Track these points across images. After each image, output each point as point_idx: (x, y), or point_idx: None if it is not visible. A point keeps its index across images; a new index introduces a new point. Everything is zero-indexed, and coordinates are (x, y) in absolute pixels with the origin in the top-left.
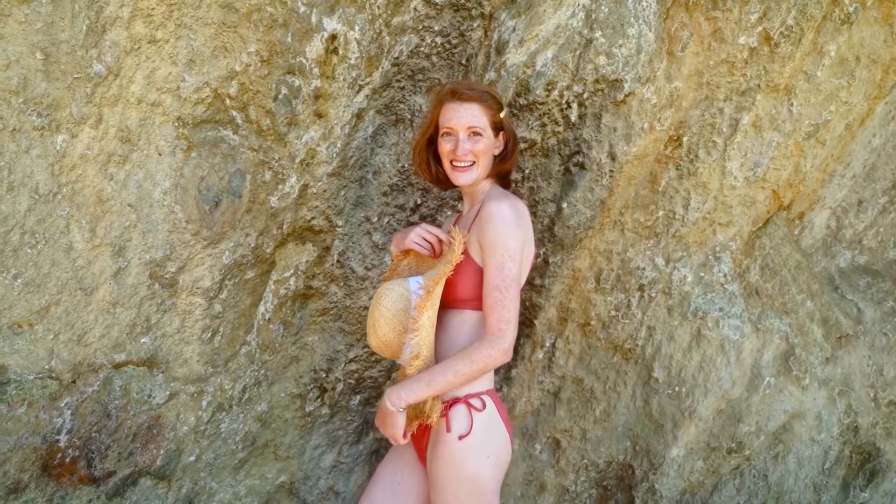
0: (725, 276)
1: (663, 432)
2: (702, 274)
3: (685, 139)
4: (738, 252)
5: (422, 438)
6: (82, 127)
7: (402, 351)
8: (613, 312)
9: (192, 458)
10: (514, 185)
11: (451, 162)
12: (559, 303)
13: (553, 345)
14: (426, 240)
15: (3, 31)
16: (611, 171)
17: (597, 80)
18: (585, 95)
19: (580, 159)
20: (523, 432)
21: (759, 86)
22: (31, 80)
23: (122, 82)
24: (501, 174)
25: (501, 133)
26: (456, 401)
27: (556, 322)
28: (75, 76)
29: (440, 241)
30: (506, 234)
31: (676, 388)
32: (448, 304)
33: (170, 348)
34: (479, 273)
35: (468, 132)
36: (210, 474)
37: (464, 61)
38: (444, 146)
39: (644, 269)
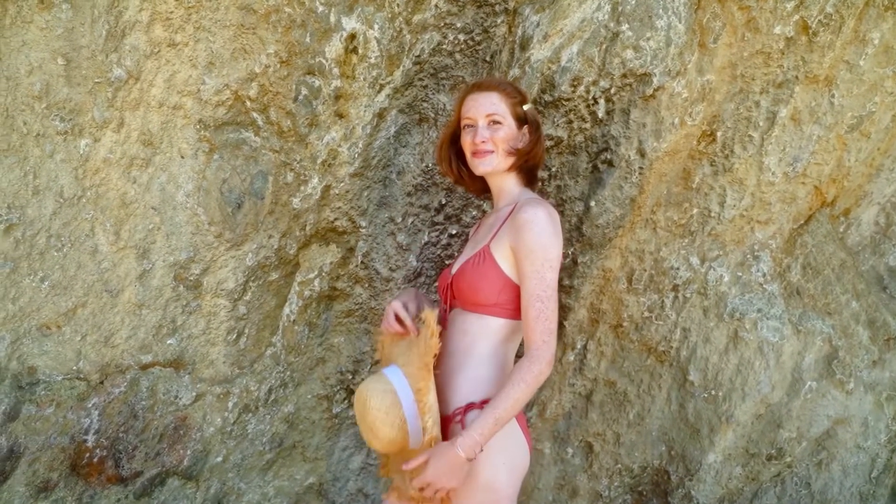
0: (765, 275)
1: (699, 437)
2: (739, 273)
3: (719, 134)
4: (778, 251)
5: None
6: (104, 131)
7: (411, 438)
8: (647, 313)
9: (220, 459)
10: (540, 183)
11: (472, 153)
12: (590, 304)
13: (584, 347)
14: (398, 320)
15: (26, 37)
16: (640, 167)
17: (624, 75)
18: (613, 91)
19: (608, 156)
20: (554, 436)
21: (797, 77)
22: (53, 86)
23: (143, 86)
24: (528, 170)
25: (526, 127)
26: (471, 406)
27: (586, 323)
28: (96, 81)
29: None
30: (546, 243)
31: (713, 392)
32: (468, 307)
33: (196, 349)
34: (504, 279)
35: (487, 120)
36: (238, 475)
37: (488, 58)
38: (466, 138)
39: (678, 268)
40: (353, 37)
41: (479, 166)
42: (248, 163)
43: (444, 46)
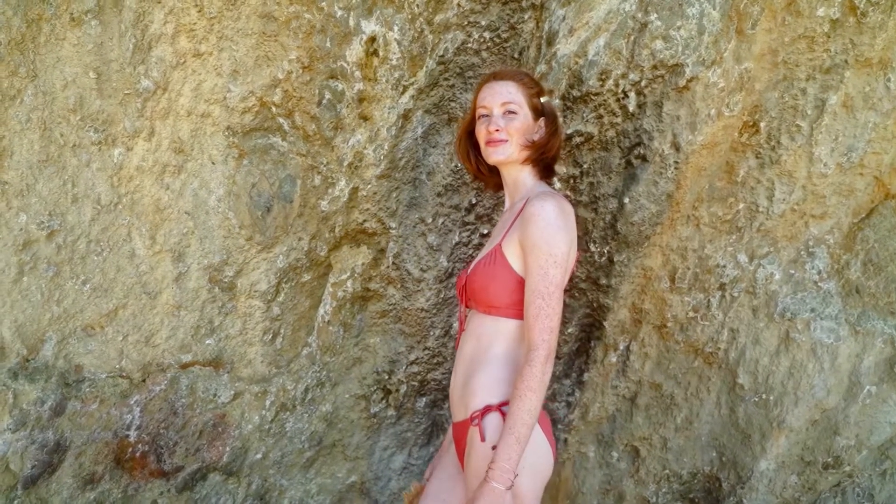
0: (820, 272)
1: (751, 443)
2: (792, 271)
3: (763, 124)
4: (836, 246)
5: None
6: (136, 140)
7: None
8: (692, 314)
9: (259, 456)
10: (572, 181)
11: (486, 142)
12: (631, 303)
13: (627, 348)
14: None
15: (60, 53)
16: (675, 162)
17: (654, 66)
18: (643, 83)
19: (641, 151)
20: (598, 439)
21: (846, 61)
22: (86, 99)
23: (171, 96)
24: (544, 164)
25: (543, 119)
26: (489, 409)
27: (629, 324)
28: (126, 92)
29: None
30: (551, 238)
31: (763, 396)
32: (482, 309)
33: (234, 349)
34: (515, 278)
35: (502, 109)
36: (279, 472)
37: (516, 55)
38: (480, 127)
39: (724, 266)
40: (372, 39)
41: (492, 155)
42: (277, 167)
43: (470, 45)
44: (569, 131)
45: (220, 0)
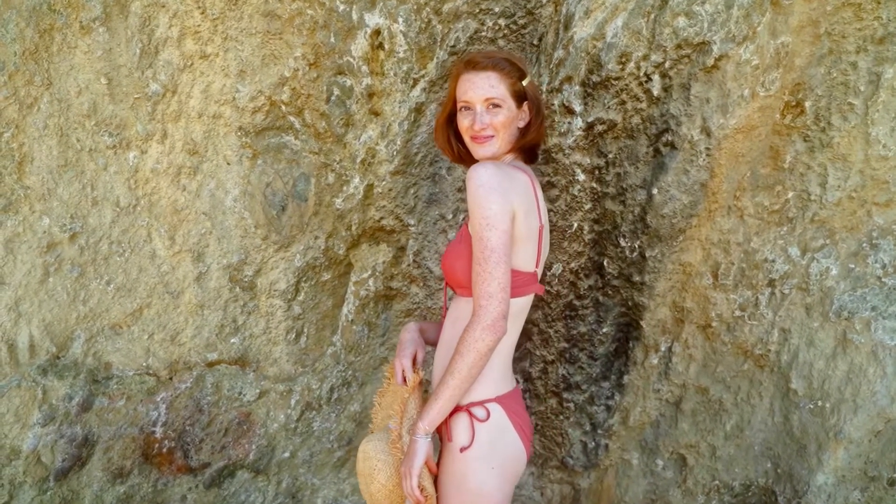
0: (885, 267)
1: (806, 454)
2: (851, 265)
3: (808, 104)
4: None
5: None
6: (150, 143)
7: None
8: (738, 312)
9: (287, 455)
10: (588, 173)
11: (471, 138)
12: (671, 301)
13: (669, 349)
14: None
15: (73, 61)
16: (707, 148)
17: (678, 46)
18: (667, 65)
19: (669, 138)
20: (642, 445)
21: None
22: (99, 104)
23: (181, 98)
24: (526, 148)
25: (526, 103)
26: (458, 409)
27: (670, 323)
28: (136, 97)
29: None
30: (482, 200)
31: (819, 403)
32: (456, 290)
33: (259, 348)
34: None
35: (486, 104)
36: (309, 471)
37: (535, 41)
38: (463, 122)
39: (774, 261)
40: (377, 33)
41: (480, 150)
42: (291, 166)
43: (484, 33)
44: (590, 119)
45: (222, 1)
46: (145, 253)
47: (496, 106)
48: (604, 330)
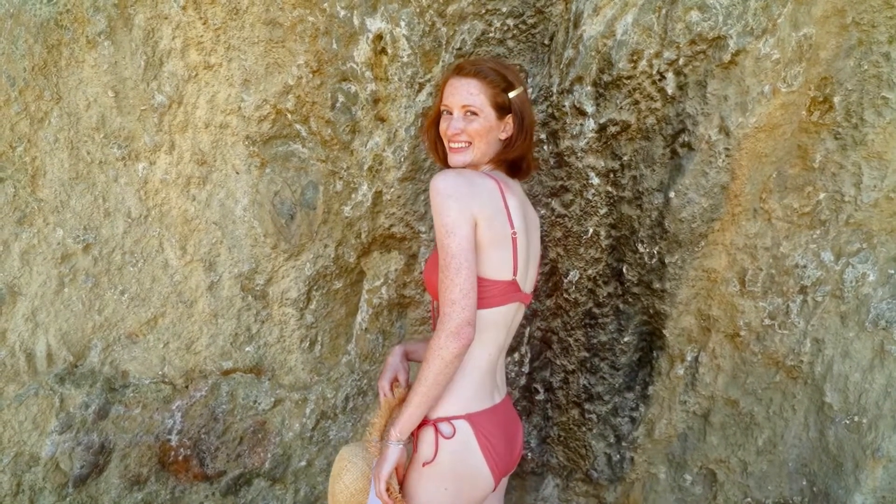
0: None
1: (843, 473)
2: (891, 271)
3: (837, 99)
4: None
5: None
6: (158, 154)
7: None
8: (768, 321)
9: (303, 464)
10: (603, 177)
11: (448, 144)
12: (696, 309)
13: (696, 359)
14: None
15: (81, 75)
16: (726, 149)
17: (692, 41)
18: (681, 61)
19: (686, 138)
20: (669, 459)
21: None
22: (107, 117)
23: (187, 109)
24: (509, 162)
25: (509, 116)
26: (426, 422)
27: (696, 332)
28: (142, 108)
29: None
30: (439, 207)
31: (856, 419)
32: (436, 300)
33: (273, 357)
34: None
35: (463, 110)
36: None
37: (546, 41)
38: (442, 125)
39: (805, 266)
40: (379, 37)
41: (454, 158)
42: (299, 174)
43: (492, 34)
44: (602, 120)
45: (223, 11)
46: (158, 263)
47: (473, 114)
48: (625, 339)
